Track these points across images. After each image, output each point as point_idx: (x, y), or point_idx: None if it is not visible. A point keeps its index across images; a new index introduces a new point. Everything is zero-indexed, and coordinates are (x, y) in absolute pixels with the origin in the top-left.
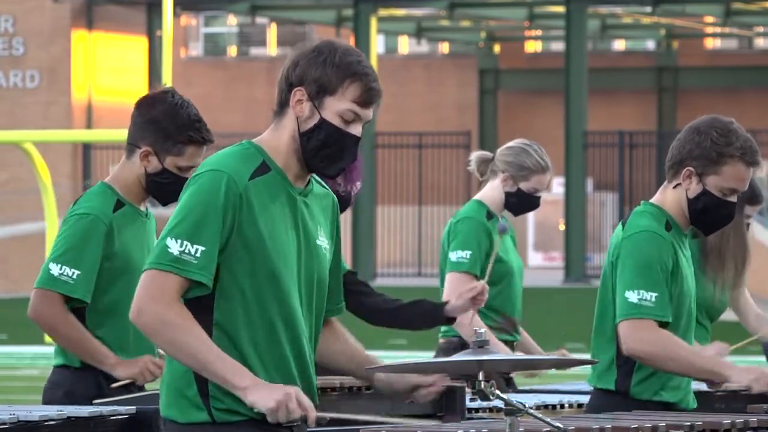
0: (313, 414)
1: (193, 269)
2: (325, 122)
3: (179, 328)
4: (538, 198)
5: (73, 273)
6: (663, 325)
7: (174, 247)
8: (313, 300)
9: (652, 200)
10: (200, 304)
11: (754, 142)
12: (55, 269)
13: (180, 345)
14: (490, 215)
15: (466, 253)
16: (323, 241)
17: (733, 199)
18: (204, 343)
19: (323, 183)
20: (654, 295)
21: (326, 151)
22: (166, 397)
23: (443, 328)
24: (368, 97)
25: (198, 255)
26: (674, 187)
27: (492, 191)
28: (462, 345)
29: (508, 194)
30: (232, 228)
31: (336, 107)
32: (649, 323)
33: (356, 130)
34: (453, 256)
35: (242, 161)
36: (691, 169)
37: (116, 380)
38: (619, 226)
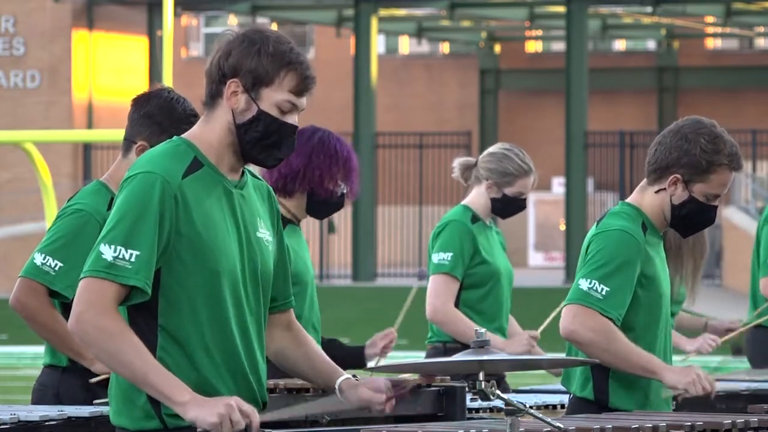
0: (256, 420)
1: (129, 275)
2: (263, 113)
3: (116, 338)
4: (524, 200)
5: (56, 264)
6: (609, 319)
7: (108, 253)
8: (260, 294)
9: (628, 200)
10: (144, 309)
11: (737, 145)
12: (39, 259)
13: (117, 355)
14: (475, 219)
15: (447, 255)
16: (264, 233)
17: (716, 203)
18: (141, 355)
19: (256, 173)
20: (606, 289)
21: (265, 142)
22: (115, 405)
23: (429, 334)
24: (304, 86)
25: (133, 260)
26: (656, 192)
27: (478, 197)
28: (446, 350)
29: (493, 200)
30: (170, 230)
31: (273, 98)
32: (594, 313)
33: (293, 119)
34: (435, 257)
35: (173, 160)
36: (678, 176)
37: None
38: (594, 226)
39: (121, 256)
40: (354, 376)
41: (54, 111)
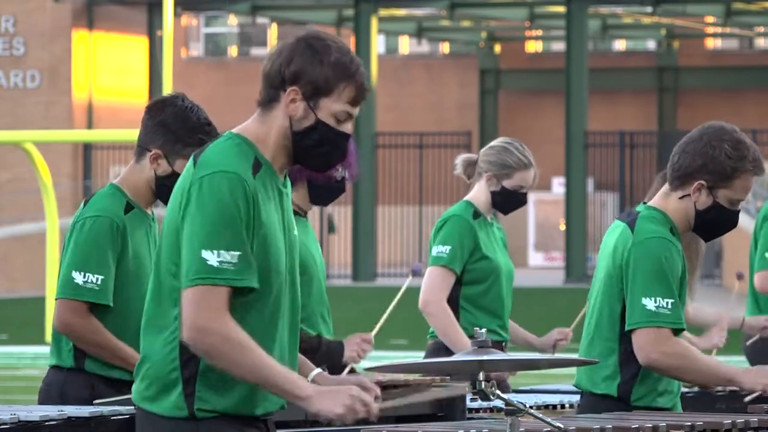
0: (374, 409)
1: (238, 276)
2: (320, 123)
3: (244, 347)
4: (524, 195)
5: (98, 279)
6: (678, 331)
7: (212, 258)
8: (296, 290)
9: (653, 204)
10: None
11: (758, 149)
12: (79, 278)
13: (244, 363)
14: (477, 215)
15: (446, 248)
16: (295, 229)
17: (739, 207)
18: (264, 359)
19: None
20: (670, 301)
21: (320, 150)
22: (146, 391)
23: (431, 330)
24: (361, 97)
25: (236, 261)
26: (681, 198)
27: (479, 192)
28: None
29: (493, 193)
30: (249, 228)
31: (331, 108)
32: (668, 333)
33: (347, 128)
34: (434, 250)
35: (241, 158)
36: (702, 182)
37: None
38: (622, 226)
39: (224, 259)
40: (352, 370)
41: (54, 111)
